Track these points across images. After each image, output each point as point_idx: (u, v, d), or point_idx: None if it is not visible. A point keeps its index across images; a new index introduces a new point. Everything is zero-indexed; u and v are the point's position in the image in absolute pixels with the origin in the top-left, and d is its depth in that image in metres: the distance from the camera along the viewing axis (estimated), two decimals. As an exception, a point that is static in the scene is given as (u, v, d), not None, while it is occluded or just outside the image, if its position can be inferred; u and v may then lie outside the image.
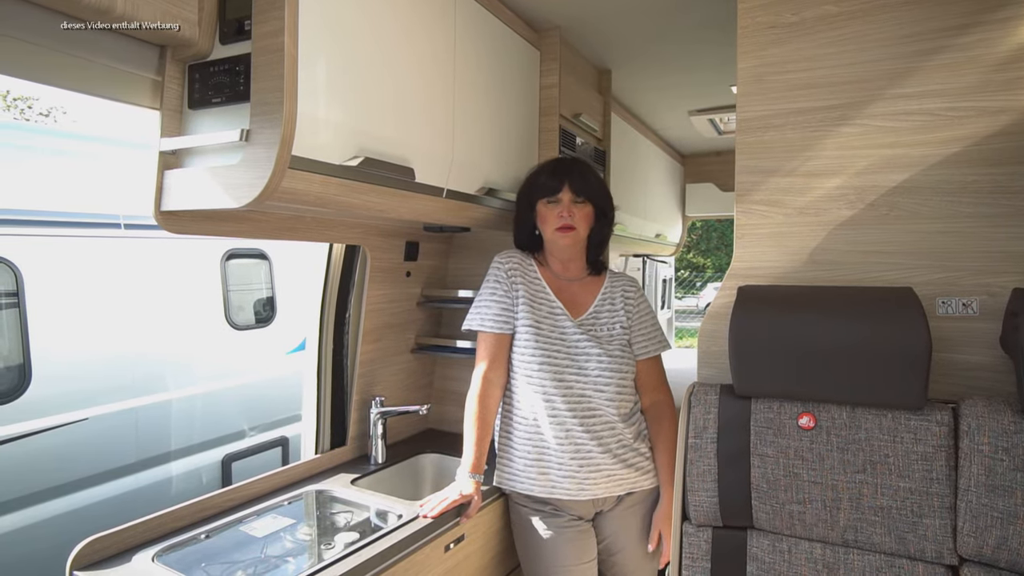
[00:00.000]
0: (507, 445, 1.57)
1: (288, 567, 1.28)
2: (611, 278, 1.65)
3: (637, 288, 1.66)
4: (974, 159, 1.16)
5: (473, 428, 1.52)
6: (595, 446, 1.49)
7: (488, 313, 1.56)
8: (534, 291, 1.57)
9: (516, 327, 1.55)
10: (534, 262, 1.63)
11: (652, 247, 3.48)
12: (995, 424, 1.01)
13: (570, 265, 1.63)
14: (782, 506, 1.14)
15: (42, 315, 2.30)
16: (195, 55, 1.17)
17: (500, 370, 1.55)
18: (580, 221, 1.55)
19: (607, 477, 1.50)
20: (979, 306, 1.16)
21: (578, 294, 1.61)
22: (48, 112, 13.34)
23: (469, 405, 1.55)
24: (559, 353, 1.51)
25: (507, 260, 1.60)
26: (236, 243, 3.08)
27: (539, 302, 1.56)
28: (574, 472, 1.48)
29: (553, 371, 1.50)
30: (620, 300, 1.61)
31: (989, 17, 1.14)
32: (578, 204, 1.56)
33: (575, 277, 1.63)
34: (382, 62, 1.31)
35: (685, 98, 2.69)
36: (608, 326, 1.57)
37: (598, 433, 1.49)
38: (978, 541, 1.01)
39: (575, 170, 1.59)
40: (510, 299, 1.56)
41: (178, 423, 2.80)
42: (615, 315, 1.59)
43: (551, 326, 1.54)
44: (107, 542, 1.25)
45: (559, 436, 1.49)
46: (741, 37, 1.33)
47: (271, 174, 1.06)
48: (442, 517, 1.41)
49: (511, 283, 1.57)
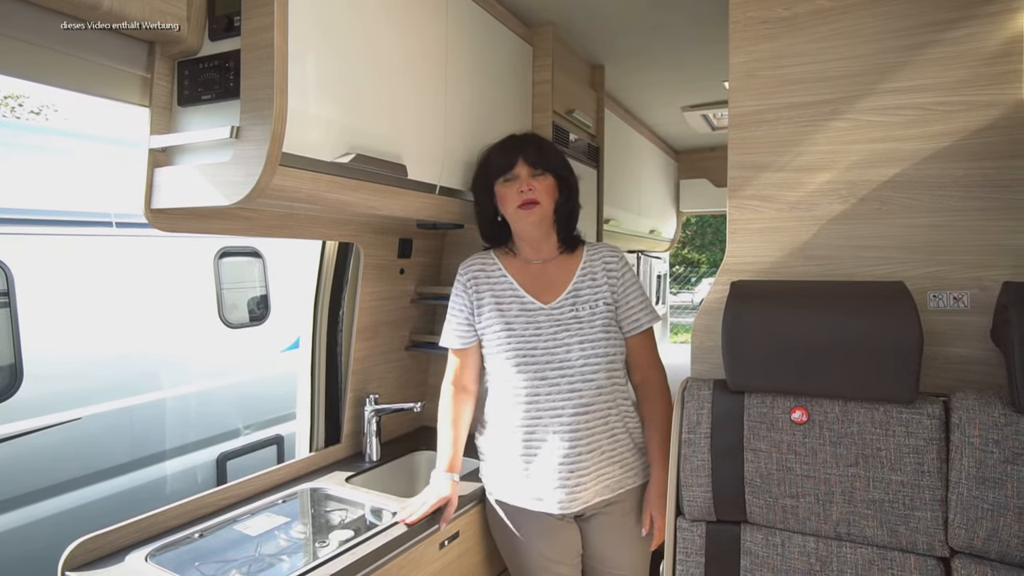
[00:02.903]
0: (492, 454, 1.52)
1: (283, 565, 1.27)
2: (589, 250, 1.53)
3: (619, 257, 1.53)
4: (965, 153, 1.16)
5: (448, 429, 1.52)
6: (584, 447, 1.40)
7: (448, 328, 1.56)
8: (500, 291, 1.50)
9: (483, 333, 1.50)
10: (497, 259, 1.55)
11: (646, 243, 3.48)
12: (986, 417, 1.01)
13: (542, 246, 1.53)
14: (775, 500, 1.15)
15: (33, 314, 2.29)
16: (184, 52, 1.16)
17: (467, 380, 1.56)
18: (542, 194, 1.45)
19: (597, 480, 1.43)
20: (970, 300, 1.17)
21: (555, 276, 1.51)
22: (39, 110, 13.24)
23: (442, 411, 1.56)
24: (537, 349, 1.43)
25: (466, 270, 1.55)
26: (229, 241, 3.06)
27: (507, 301, 1.49)
28: (563, 481, 1.40)
29: (534, 369, 1.42)
30: (602, 273, 1.49)
31: (979, 11, 1.14)
32: (537, 177, 1.46)
33: (549, 258, 1.53)
34: (373, 58, 1.30)
35: (678, 94, 2.69)
36: (591, 304, 1.46)
37: (590, 430, 1.41)
38: (969, 533, 1.01)
39: (528, 142, 1.51)
40: (468, 310, 1.52)
41: (172, 422, 2.79)
42: (597, 291, 1.47)
43: (525, 322, 1.45)
44: (100, 542, 1.24)
45: (545, 442, 1.41)
46: (733, 32, 1.33)
47: (262, 171, 1.05)
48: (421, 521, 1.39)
49: (473, 292, 1.52)
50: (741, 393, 1.19)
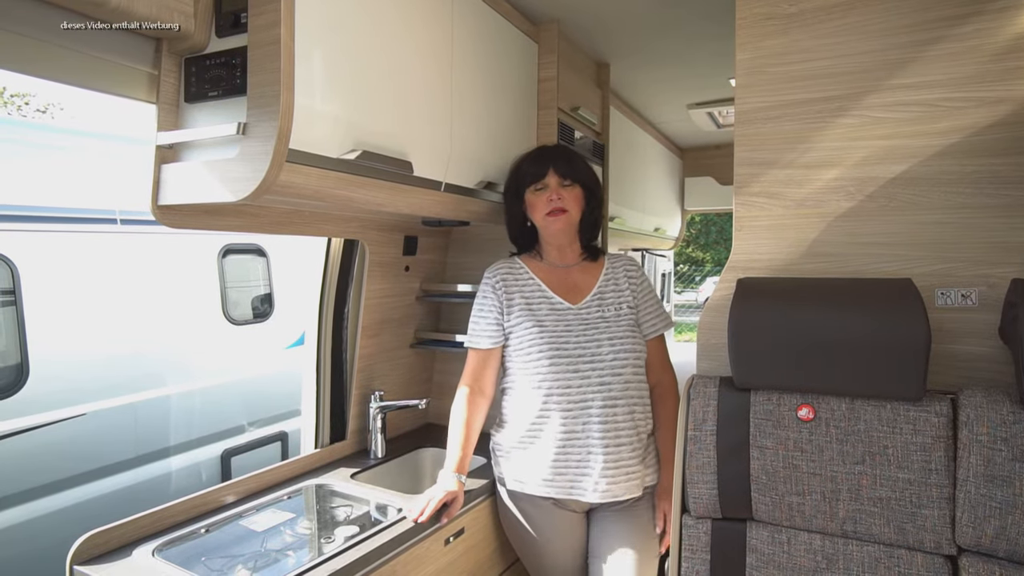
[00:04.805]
0: (516, 448, 1.53)
1: (288, 561, 1.28)
2: (611, 260, 1.64)
3: (638, 266, 1.65)
4: (973, 150, 1.16)
5: (460, 432, 1.53)
6: (612, 439, 1.44)
7: (476, 330, 1.58)
8: (529, 293, 1.56)
9: (512, 331, 1.54)
10: (524, 264, 1.61)
11: (651, 241, 3.48)
12: (994, 415, 1.01)
13: (566, 251, 1.62)
14: (781, 498, 1.14)
15: (39, 311, 2.30)
16: (191, 48, 1.16)
17: (485, 382, 1.58)
18: (570, 203, 1.54)
19: (628, 477, 1.46)
20: (978, 297, 1.16)
21: (579, 279, 1.59)
22: (45, 108, 13.27)
23: (456, 412, 1.56)
24: (569, 344, 1.48)
25: (494, 273, 1.60)
26: (233, 238, 3.07)
27: (537, 301, 1.55)
28: (598, 470, 1.43)
29: (567, 362, 1.46)
30: (624, 279, 1.59)
31: (987, 7, 1.13)
32: (566, 187, 1.55)
33: (573, 263, 1.62)
34: (380, 55, 1.30)
35: (684, 91, 2.68)
36: (615, 306, 1.54)
37: (617, 424, 1.45)
38: (976, 531, 1.01)
39: (559, 154, 1.60)
40: (498, 310, 1.56)
41: (176, 418, 2.80)
42: (620, 295, 1.56)
43: (555, 320, 1.51)
44: (107, 537, 1.25)
45: (576, 433, 1.45)
46: (739, 28, 1.33)
47: (268, 168, 1.06)
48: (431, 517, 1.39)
49: (502, 292, 1.56)
50: (747, 390, 1.19)
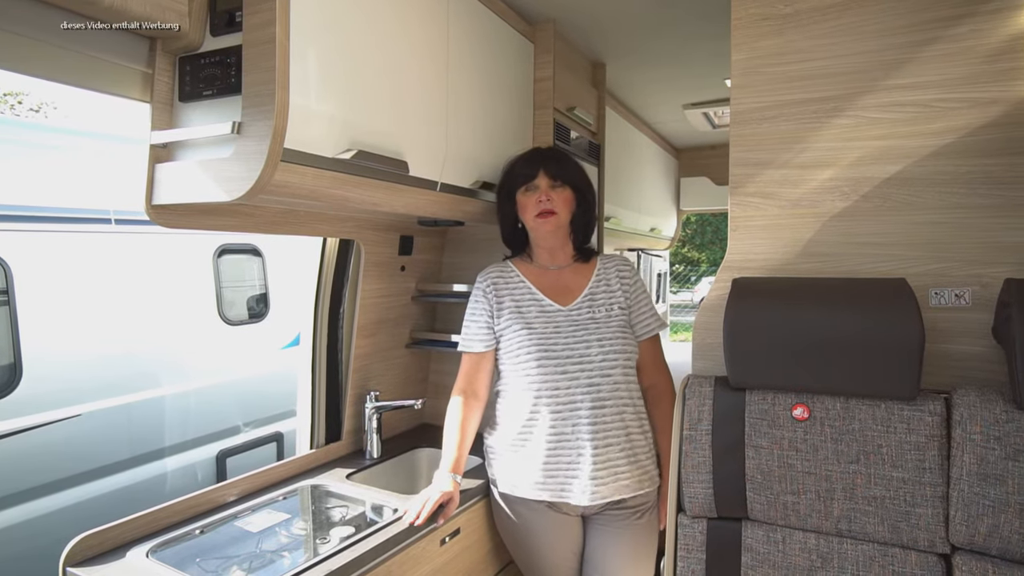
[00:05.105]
0: (506, 450, 1.52)
1: (284, 562, 1.27)
2: (603, 260, 1.63)
3: (631, 267, 1.63)
4: (967, 150, 1.16)
5: (455, 433, 1.53)
6: (601, 440, 1.43)
7: (468, 334, 1.59)
8: (519, 296, 1.56)
9: (502, 334, 1.54)
10: (515, 267, 1.61)
11: (646, 241, 3.48)
12: (987, 414, 1.01)
13: (557, 253, 1.61)
14: (776, 497, 1.15)
15: (32, 311, 2.28)
16: (186, 47, 1.15)
17: (479, 385, 1.59)
18: (560, 205, 1.54)
19: (616, 478, 1.45)
20: (971, 297, 1.17)
21: (571, 281, 1.59)
22: (39, 107, 13.20)
23: (450, 414, 1.56)
24: (557, 345, 1.48)
25: (485, 277, 1.61)
26: (228, 238, 3.06)
27: (527, 304, 1.55)
28: (586, 472, 1.43)
29: (555, 364, 1.46)
30: (616, 280, 1.58)
31: (981, 8, 1.14)
32: (556, 188, 1.55)
33: (564, 264, 1.61)
34: (375, 54, 1.30)
35: (679, 92, 2.69)
36: (606, 307, 1.53)
37: (607, 425, 1.44)
38: (970, 529, 1.02)
39: (550, 156, 1.60)
40: (488, 314, 1.56)
41: (171, 419, 2.79)
42: (612, 296, 1.55)
43: (544, 322, 1.51)
44: (101, 538, 1.24)
45: (566, 435, 1.44)
46: (735, 29, 1.33)
47: (263, 167, 1.05)
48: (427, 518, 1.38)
49: (492, 296, 1.57)
50: (742, 390, 1.19)
